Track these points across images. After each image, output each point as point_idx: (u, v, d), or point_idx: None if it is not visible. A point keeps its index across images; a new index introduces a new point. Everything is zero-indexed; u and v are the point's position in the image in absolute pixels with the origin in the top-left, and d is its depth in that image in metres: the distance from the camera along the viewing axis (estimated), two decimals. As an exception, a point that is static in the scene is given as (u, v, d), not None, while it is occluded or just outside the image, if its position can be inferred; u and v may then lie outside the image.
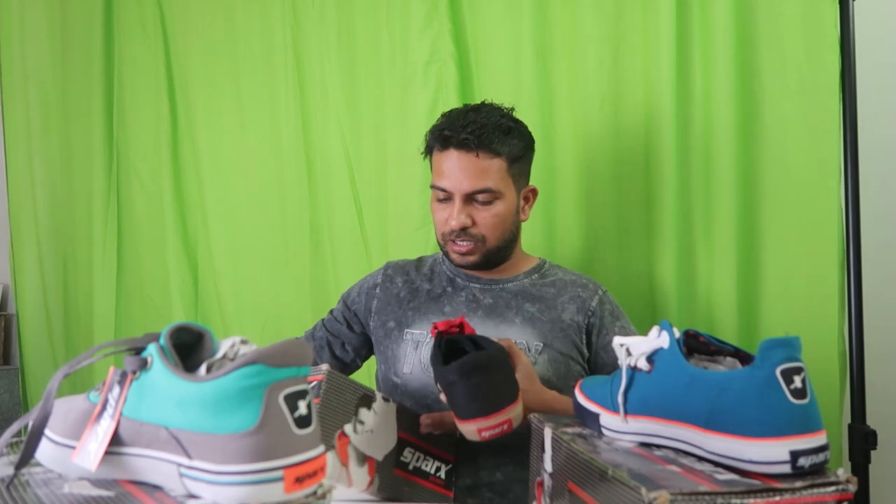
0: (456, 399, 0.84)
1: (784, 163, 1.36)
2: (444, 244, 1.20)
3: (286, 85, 1.66)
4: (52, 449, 0.55)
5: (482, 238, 1.16)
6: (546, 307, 1.18)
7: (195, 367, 0.52)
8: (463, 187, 1.13)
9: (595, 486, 0.60)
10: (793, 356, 0.56)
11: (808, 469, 0.54)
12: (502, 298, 1.20)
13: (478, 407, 0.82)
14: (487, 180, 1.13)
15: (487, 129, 1.13)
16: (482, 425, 0.82)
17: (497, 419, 0.82)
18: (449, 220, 1.15)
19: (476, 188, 1.13)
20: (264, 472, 0.45)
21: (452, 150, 1.14)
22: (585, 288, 1.21)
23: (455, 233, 1.15)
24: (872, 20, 1.47)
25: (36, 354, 1.88)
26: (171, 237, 1.73)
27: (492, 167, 1.14)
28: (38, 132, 1.88)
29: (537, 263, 1.26)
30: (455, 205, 1.14)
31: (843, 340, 1.30)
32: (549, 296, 1.19)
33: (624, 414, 0.68)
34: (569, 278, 1.23)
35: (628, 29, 1.44)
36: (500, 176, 1.15)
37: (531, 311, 1.18)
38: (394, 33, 1.58)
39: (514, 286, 1.21)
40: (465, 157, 1.13)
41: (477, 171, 1.13)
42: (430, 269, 1.28)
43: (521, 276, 1.23)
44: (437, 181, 1.17)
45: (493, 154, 1.14)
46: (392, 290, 1.25)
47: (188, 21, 1.74)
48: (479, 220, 1.15)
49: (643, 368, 0.67)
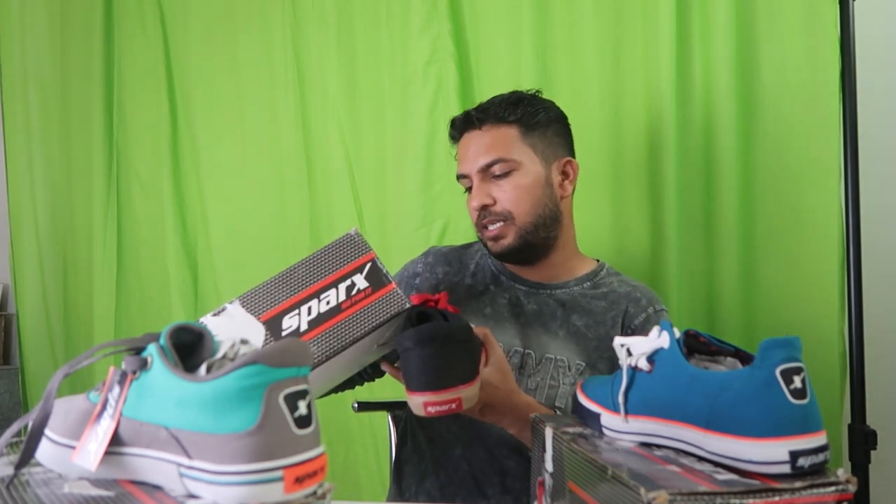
0: (408, 368, 0.81)
1: (784, 163, 1.36)
2: (480, 236, 1.13)
3: (286, 85, 1.66)
4: (52, 449, 0.55)
5: (508, 215, 1.08)
6: (594, 322, 1.09)
7: (195, 367, 0.52)
8: (475, 165, 1.10)
9: (595, 486, 0.60)
10: (793, 356, 0.56)
11: (808, 469, 0.54)
12: (548, 307, 1.11)
13: (427, 380, 0.79)
14: (497, 150, 1.09)
15: (493, 103, 1.12)
16: (429, 399, 0.79)
17: (445, 396, 0.79)
18: (471, 203, 1.10)
19: (487, 161, 1.09)
20: (264, 472, 0.45)
21: (465, 135, 1.13)
22: (637, 303, 1.11)
23: (481, 215, 1.09)
24: (872, 20, 1.47)
25: (36, 354, 1.88)
26: (171, 237, 1.73)
27: (500, 136, 1.10)
28: (38, 132, 1.88)
29: (593, 269, 1.16)
30: (474, 185, 1.10)
31: (843, 340, 1.30)
32: (598, 310, 1.10)
33: (624, 414, 0.68)
34: (623, 290, 1.13)
35: (628, 29, 1.44)
36: (512, 145, 1.09)
37: (578, 325, 1.09)
38: (394, 33, 1.58)
39: (562, 294, 1.13)
40: (473, 135, 1.12)
41: (484, 144, 1.10)
42: (475, 261, 1.20)
43: (573, 282, 1.14)
44: (458, 170, 1.14)
45: (497, 122, 1.10)
46: (431, 282, 1.17)
47: (188, 21, 1.74)
48: (499, 196, 1.09)
49: (644, 368, 0.67)
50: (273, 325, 0.77)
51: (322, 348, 0.76)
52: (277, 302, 0.78)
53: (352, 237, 0.80)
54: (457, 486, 1.09)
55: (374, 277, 0.76)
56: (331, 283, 0.77)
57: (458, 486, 1.09)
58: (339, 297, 0.76)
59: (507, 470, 1.08)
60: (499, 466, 1.08)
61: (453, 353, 0.81)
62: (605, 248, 1.45)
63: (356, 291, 0.76)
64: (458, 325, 0.83)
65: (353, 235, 0.80)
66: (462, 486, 1.09)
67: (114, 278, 1.77)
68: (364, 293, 0.76)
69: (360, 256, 0.78)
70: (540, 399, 1.05)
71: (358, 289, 0.76)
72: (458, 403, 0.80)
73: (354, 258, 0.78)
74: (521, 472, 1.07)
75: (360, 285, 0.76)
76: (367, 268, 0.77)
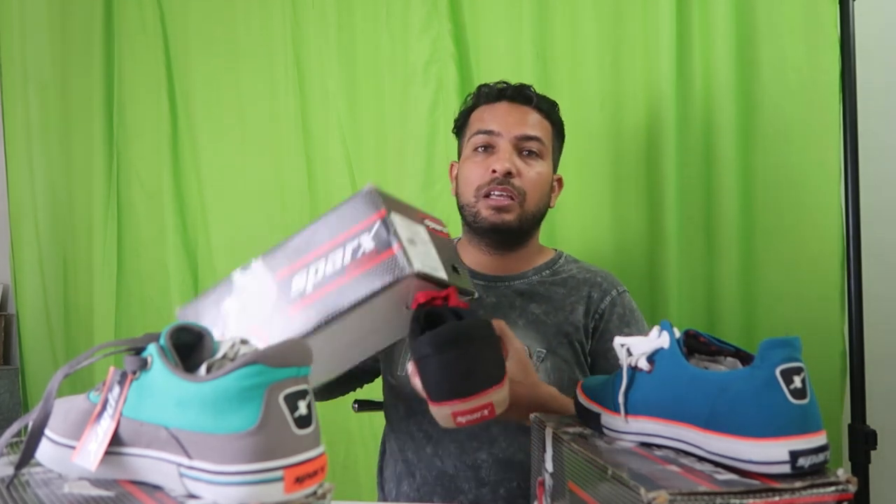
0: (429, 377, 0.72)
1: (784, 163, 1.36)
2: (475, 202, 1.10)
3: (286, 85, 1.66)
4: (52, 449, 0.55)
5: (524, 194, 1.08)
6: (553, 309, 1.10)
7: (195, 367, 0.52)
8: (515, 130, 1.10)
9: (595, 486, 0.60)
10: (793, 356, 0.56)
11: (808, 469, 0.54)
12: (506, 298, 1.12)
13: (453, 387, 0.70)
14: (539, 131, 1.11)
15: (539, 94, 1.15)
16: (458, 408, 0.70)
17: (476, 402, 0.70)
18: (494, 165, 1.08)
19: (527, 133, 1.10)
20: (264, 472, 0.45)
21: (504, 103, 1.13)
22: (599, 287, 1.13)
23: (498, 180, 1.07)
24: (872, 20, 1.47)
25: (36, 354, 1.88)
26: (171, 237, 1.73)
27: (542, 124, 1.13)
28: (38, 132, 1.88)
29: (551, 258, 1.18)
30: (502, 148, 1.09)
31: (844, 340, 1.31)
32: (557, 296, 1.11)
33: (624, 414, 0.68)
34: (583, 276, 1.14)
35: (628, 29, 1.44)
36: (546, 136, 1.13)
37: (536, 312, 1.10)
38: (394, 33, 1.58)
39: (521, 284, 1.14)
40: (518, 107, 1.12)
41: (530, 120, 1.11)
42: None
43: (531, 272, 1.15)
44: (482, 126, 1.12)
45: (543, 113, 1.13)
46: None
47: (188, 21, 1.74)
48: (524, 173, 1.09)
49: (644, 368, 0.67)
50: (284, 285, 0.73)
51: (318, 313, 0.69)
52: (292, 261, 0.73)
53: (364, 194, 0.71)
54: (432, 486, 1.08)
55: (379, 238, 0.68)
56: (340, 243, 0.70)
57: (433, 485, 1.08)
58: (344, 258, 0.69)
59: (480, 463, 1.07)
60: (471, 460, 1.07)
61: (477, 354, 0.72)
62: (605, 248, 1.45)
63: (361, 253, 0.69)
64: (477, 322, 0.74)
65: (366, 192, 0.71)
66: (437, 484, 1.08)
67: (114, 278, 1.77)
68: (368, 256, 0.68)
69: (371, 215, 0.70)
70: None
71: (363, 251, 0.69)
72: (491, 409, 0.71)
73: (365, 216, 0.70)
74: (494, 464, 1.06)
75: (365, 247, 0.69)
76: (374, 227, 0.69)
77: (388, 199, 0.72)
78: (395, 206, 0.73)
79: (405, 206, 0.75)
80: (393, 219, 0.70)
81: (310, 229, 0.74)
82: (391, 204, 0.72)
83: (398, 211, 0.72)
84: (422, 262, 0.71)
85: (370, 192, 0.71)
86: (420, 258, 0.70)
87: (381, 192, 0.72)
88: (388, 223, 0.69)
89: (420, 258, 0.70)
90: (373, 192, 0.71)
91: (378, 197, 0.71)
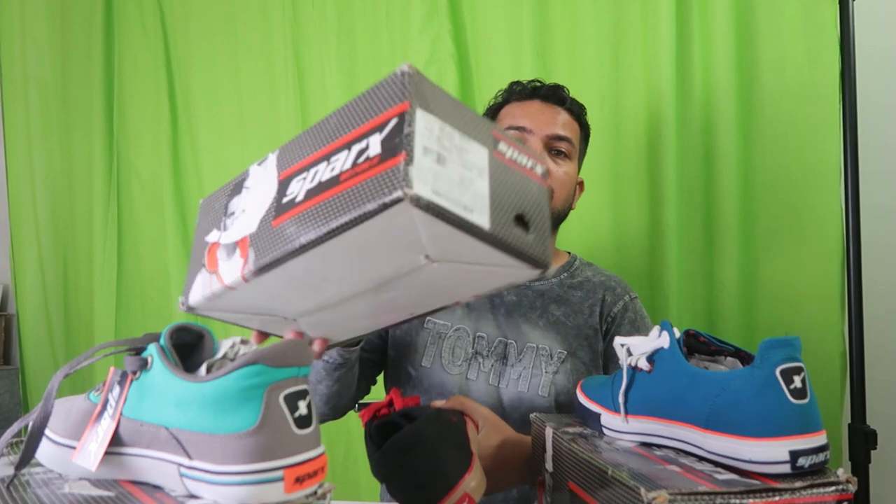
0: (398, 495, 0.69)
1: (784, 163, 1.36)
2: None
3: (286, 85, 1.66)
4: (52, 449, 0.55)
5: (552, 193, 1.08)
6: (572, 311, 1.11)
7: (195, 367, 0.52)
8: (548, 129, 1.10)
9: (595, 486, 0.60)
10: (793, 356, 0.56)
11: (808, 469, 0.54)
12: (527, 298, 1.13)
13: (424, 495, 0.67)
14: (570, 132, 1.12)
15: (571, 97, 1.15)
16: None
17: (451, 500, 0.67)
18: None
19: (558, 133, 1.10)
20: (264, 472, 0.45)
21: (537, 101, 1.13)
22: (613, 291, 1.14)
23: None
24: (872, 20, 1.47)
25: (36, 354, 1.88)
26: (171, 237, 1.73)
27: (572, 125, 1.13)
28: (38, 132, 1.88)
29: (567, 260, 1.19)
30: (533, 146, 1.08)
31: (844, 340, 1.31)
32: (575, 299, 1.13)
33: (624, 414, 0.68)
34: (598, 280, 1.16)
35: (628, 29, 1.45)
36: (575, 137, 1.13)
37: (556, 314, 1.11)
38: (394, 33, 1.58)
39: (540, 285, 1.14)
40: (550, 107, 1.12)
41: (562, 120, 1.12)
42: None
43: (550, 274, 1.15)
44: (513, 122, 1.11)
45: (573, 115, 1.14)
46: None
47: (188, 21, 1.75)
48: (553, 172, 1.09)
49: (644, 368, 0.67)
50: (283, 187, 0.57)
51: (297, 232, 0.52)
52: (299, 158, 0.57)
53: (395, 76, 0.50)
54: None
55: (389, 141, 0.48)
56: (347, 142, 0.52)
57: None
58: (344, 163, 0.51)
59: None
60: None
61: (433, 453, 0.68)
62: (605, 248, 1.45)
63: (363, 158, 0.49)
64: (426, 419, 0.69)
65: (398, 74, 0.50)
66: None
67: (114, 278, 1.78)
68: (369, 163, 0.48)
69: (391, 107, 0.49)
70: (523, 388, 1.06)
71: (367, 156, 0.49)
72: (469, 498, 0.68)
73: (385, 108, 0.50)
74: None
75: (370, 150, 0.49)
76: (389, 126, 0.49)
77: (428, 92, 0.50)
78: (437, 104, 0.50)
79: (459, 110, 0.52)
80: (417, 117, 0.48)
81: (328, 119, 0.56)
82: (431, 98, 0.50)
83: (438, 111, 0.50)
84: (436, 188, 0.47)
85: (403, 75, 0.49)
86: (439, 182, 0.47)
87: (421, 79, 0.50)
88: (405, 121, 0.48)
89: (439, 182, 0.47)
90: (407, 74, 0.49)
91: (411, 83, 0.49)
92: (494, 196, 0.51)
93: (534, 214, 0.54)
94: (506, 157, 0.53)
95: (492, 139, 0.53)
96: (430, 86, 0.50)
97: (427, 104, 0.50)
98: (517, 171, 0.54)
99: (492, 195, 0.50)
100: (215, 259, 0.59)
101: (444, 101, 0.51)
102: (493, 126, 0.54)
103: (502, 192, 0.52)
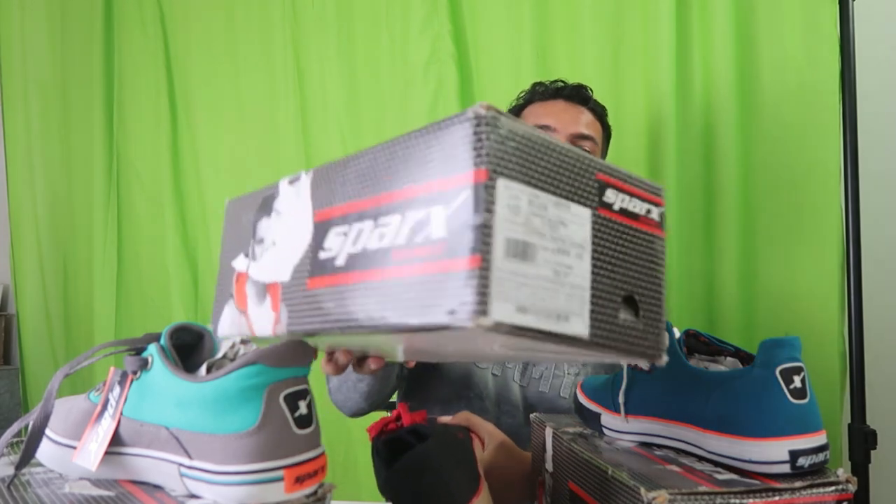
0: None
1: (784, 163, 1.36)
2: None
3: (286, 85, 1.66)
4: (52, 449, 0.55)
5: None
6: None
7: (195, 367, 0.52)
8: (572, 127, 1.10)
9: (595, 486, 0.60)
10: (793, 356, 0.56)
11: (808, 469, 0.54)
12: None
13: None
14: (593, 131, 1.13)
15: (594, 97, 1.16)
16: None
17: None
18: None
19: (582, 132, 1.10)
20: (264, 472, 0.45)
21: (560, 101, 1.13)
22: None
23: None
24: (872, 20, 1.47)
25: (36, 354, 1.88)
26: (171, 237, 1.73)
27: (595, 125, 1.14)
28: (38, 132, 1.88)
29: None
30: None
31: (843, 340, 1.31)
32: None
33: (624, 414, 0.68)
34: None
35: (628, 29, 1.44)
36: (598, 137, 1.14)
37: None
38: (394, 33, 1.58)
39: None
40: (574, 107, 1.13)
41: (585, 120, 1.12)
42: None
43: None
44: (537, 121, 1.11)
45: (596, 115, 1.14)
46: None
47: (188, 21, 1.75)
48: None
49: (644, 368, 0.67)
50: (319, 233, 0.45)
51: (340, 307, 0.41)
52: (338, 198, 0.45)
53: (467, 122, 0.36)
54: None
55: (458, 226, 0.35)
56: (401, 201, 0.39)
57: None
58: (396, 234, 0.38)
59: None
60: None
61: (442, 476, 0.65)
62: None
63: (421, 238, 0.37)
64: (436, 440, 0.66)
65: (472, 117, 0.36)
66: None
67: (114, 278, 1.78)
68: (430, 250, 0.36)
69: (461, 171, 0.36)
70: (545, 388, 1.06)
71: (427, 235, 0.36)
72: None
73: (451, 168, 0.36)
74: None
75: (432, 230, 0.36)
76: (458, 199, 0.35)
77: (512, 142, 0.36)
78: (524, 159, 0.37)
79: (552, 156, 0.38)
80: (499, 191, 0.35)
81: (375, 152, 0.44)
82: (516, 153, 0.36)
83: (526, 170, 0.37)
84: (521, 302, 0.35)
85: (479, 120, 0.36)
86: (524, 292, 0.36)
87: (502, 123, 0.36)
88: (480, 199, 0.34)
89: (524, 292, 0.36)
90: (484, 120, 0.36)
91: (489, 136, 0.35)
92: (597, 282, 0.39)
93: (647, 289, 0.42)
94: (613, 211, 0.41)
95: (596, 187, 0.40)
96: (513, 129, 0.36)
97: (511, 165, 0.36)
98: (628, 228, 0.41)
99: (594, 282, 0.39)
100: (244, 295, 0.53)
101: (533, 151, 0.37)
102: (597, 166, 0.40)
103: (608, 269, 0.40)
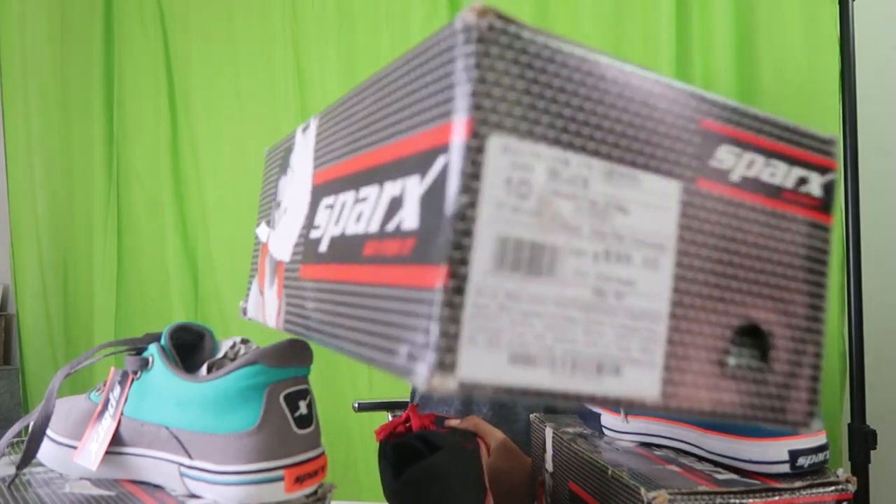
0: None
1: (784, 163, 1.36)
2: None
3: (286, 84, 1.66)
4: (53, 449, 0.55)
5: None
6: None
7: (196, 367, 0.52)
8: None
9: (595, 486, 0.60)
10: (793, 356, 0.56)
11: (808, 469, 0.54)
12: None
13: None
14: None
15: None
16: None
17: None
18: None
19: None
20: (265, 472, 0.45)
21: None
22: None
23: None
24: (872, 20, 1.47)
25: (36, 354, 1.88)
26: (171, 237, 1.73)
27: None
28: (38, 132, 1.88)
29: None
30: None
31: (843, 340, 1.31)
32: None
33: (624, 414, 0.68)
34: None
35: (628, 29, 1.45)
36: None
37: None
38: (394, 33, 1.58)
39: None
40: None
41: None
42: None
43: None
44: None
45: None
46: None
47: (188, 21, 1.75)
48: None
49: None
50: (314, 201, 0.38)
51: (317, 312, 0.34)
52: (336, 155, 0.35)
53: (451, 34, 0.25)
54: None
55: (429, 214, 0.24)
56: (383, 165, 0.29)
57: None
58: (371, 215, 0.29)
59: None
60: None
61: (450, 490, 0.65)
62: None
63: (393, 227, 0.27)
64: (446, 453, 0.66)
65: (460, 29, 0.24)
66: None
67: (114, 278, 1.78)
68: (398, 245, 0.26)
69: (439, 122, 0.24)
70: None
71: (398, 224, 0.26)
72: None
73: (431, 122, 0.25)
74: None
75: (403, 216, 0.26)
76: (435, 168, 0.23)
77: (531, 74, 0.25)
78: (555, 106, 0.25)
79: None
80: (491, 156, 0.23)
81: (373, 86, 0.33)
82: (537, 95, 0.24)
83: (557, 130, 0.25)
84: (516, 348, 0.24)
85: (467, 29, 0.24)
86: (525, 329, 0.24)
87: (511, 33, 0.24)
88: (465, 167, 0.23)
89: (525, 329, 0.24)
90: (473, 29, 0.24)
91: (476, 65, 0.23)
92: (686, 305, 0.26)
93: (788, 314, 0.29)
94: (731, 183, 0.27)
95: (697, 141, 0.27)
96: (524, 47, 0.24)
97: (518, 111, 0.24)
98: (761, 211, 0.28)
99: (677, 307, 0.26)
100: (263, 272, 0.48)
101: (567, 82, 0.25)
102: (700, 105, 0.27)
103: (710, 285, 0.26)
